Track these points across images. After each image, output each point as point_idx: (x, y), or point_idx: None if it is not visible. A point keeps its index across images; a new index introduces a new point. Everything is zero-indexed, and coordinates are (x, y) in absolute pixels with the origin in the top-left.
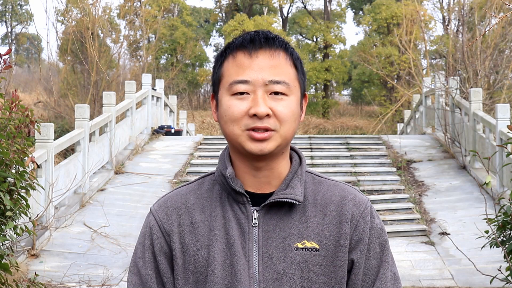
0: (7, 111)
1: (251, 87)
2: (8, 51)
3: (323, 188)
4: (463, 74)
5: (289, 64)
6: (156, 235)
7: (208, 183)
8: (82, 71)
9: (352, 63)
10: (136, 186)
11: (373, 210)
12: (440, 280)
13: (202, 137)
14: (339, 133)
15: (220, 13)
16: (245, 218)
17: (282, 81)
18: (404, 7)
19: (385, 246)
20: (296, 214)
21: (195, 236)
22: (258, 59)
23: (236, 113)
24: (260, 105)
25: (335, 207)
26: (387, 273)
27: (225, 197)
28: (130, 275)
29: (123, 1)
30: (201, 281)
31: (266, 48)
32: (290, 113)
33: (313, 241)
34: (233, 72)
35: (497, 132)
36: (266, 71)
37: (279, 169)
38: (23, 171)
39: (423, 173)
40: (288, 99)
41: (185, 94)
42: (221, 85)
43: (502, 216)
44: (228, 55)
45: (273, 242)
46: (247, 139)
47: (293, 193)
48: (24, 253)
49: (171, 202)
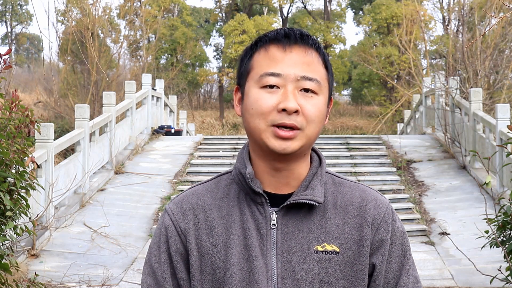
0: (7, 111)
1: (282, 81)
2: (8, 51)
3: (343, 189)
4: (463, 74)
5: (320, 64)
6: (172, 235)
7: (225, 182)
8: (82, 71)
9: (352, 63)
10: (136, 186)
11: (394, 213)
12: (440, 280)
13: (202, 137)
14: (339, 133)
15: (220, 13)
16: (263, 219)
17: (314, 78)
18: (404, 7)
19: (406, 250)
20: (316, 216)
21: (212, 237)
22: (292, 54)
23: (265, 107)
24: (290, 100)
25: (355, 210)
26: (409, 277)
27: (242, 197)
28: (145, 276)
29: (123, 1)
30: (218, 283)
31: (300, 45)
32: (318, 112)
33: (333, 244)
34: (265, 64)
35: (497, 132)
36: (299, 67)
37: (299, 170)
38: (23, 171)
39: (423, 173)
40: (318, 99)
41: (185, 94)
42: (249, 77)
43: (502, 216)
44: (259, 47)
45: (292, 244)
46: (271, 136)
47: (313, 194)
48: (24, 253)
49: (187, 202)
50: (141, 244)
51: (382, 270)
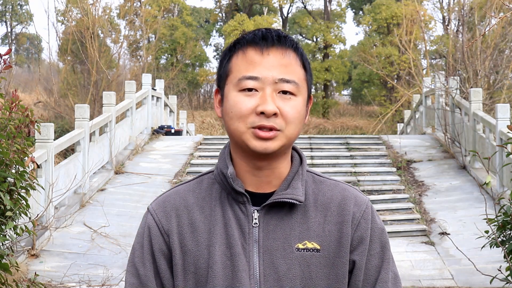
0: (7, 111)
1: (260, 84)
2: (8, 51)
3: (324, 188)
4: (463, 74)
5: (298, 65)
6: (155, 235)
7: (207, 182)
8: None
9: (352, 63)
10: (136, 186)
11: (373, 210)
12: (440, 280)
13: (202, 137)
14: (339, 133)
15: (220, 13)
16: (245, 218)
17: (292, 80)
18: (404, 7)
19: (385, 246)
20: (297, 214)
21: (194, 236)
22: (270, 56)
23: (244, 110)
24: (269, 103)
25: (336, 207)
26: (388, 273)
27: (224, 196)
28: (129, 276)
29: (123, 1)
30: (201, 282)
31: (278, 46)
32: (296, 113)
33: (314, 241)
34: (243, 67)
35: (497, 132)
36: (277, 69)
37: (280, 169)
38: (23, 171)
39: (423, 173)
40: (296, 100)
41: (185, 94)
42: (228, 80)
43: (502, 216)
44: (237, 50)
45: (274, 242)
46: (252, 137)
47: (294, 193)
48: (24, 253)
49: (170, 202)
50: None
51: (362, 266)
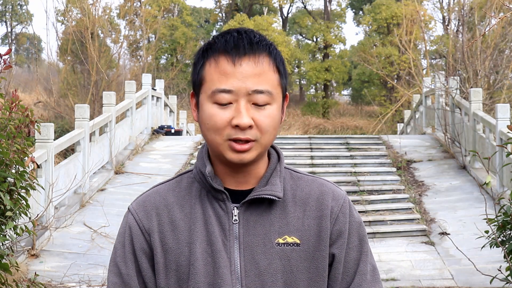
0: (7, 111)
1: (234, 97)
2: (8, 51)
3: (302, 183)
4: (463, 74)
5: (272, 70)
6: (136, 234)
7: (186, 181)
8: (82, 71)
9: (352, 63)
10: (136, 186)
11: (351, 204)
12: (440, 280)
13: (202, 137)
14: (339, 133)
15: (220, 13)
16: (225, 215)
17: (265, 90)
18: (404, 7)
19: (363, 239)
20: (276, 210)
21: (175, 234)
22: (242, 67)
23: (219, 123)
24: (243, 116)
25: (314, 202)
26: (367, 265)
27: (204, 194)
28: (111, 275)
29: (123, 1)
30: (183, 279)
31: (250, 55)
32: (271, 122)
33: (294, 236)
34: (216, 78)
35: (497, 132)
36: (250, 80)
37: (257, 169)
38: (23, 171)
39: (423, 173)
40: (271, 108)
41: (185, 94)
42: (202, 89)
43: (502, 216)
44: (209, 57)
45: (254, 238)
46: (228, 149)
47: (273, 190)
48: (24, 253)
49: (150, 201)
50: None
51: (341, 259)
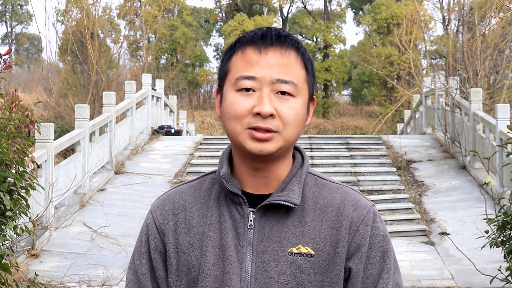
0: (7, 111)
1: (257, 84)
2: (8, 51)
3: (325, 191)
4: (463, 74)
5: (299, 65)
6: (152, 233)
7: (208, 182)
8: (82, 71)
9: (352, 63)
10: (136, 186)
11: (376, 216)
12: (440, 280)
13: (202, 137)
14: (339, 133)
15: (220, 13)
16: (241, 219)
17: (290, 81)
18: (404, 7)
19: (387, 254)
20: (293, 217)
21: (189, 236)
22: (268, 56)
23: (240, 110)
24: (265, 104)
25: (334, 212)
26: (388, 283)
27: (223, 197)
28: (129, 272)
29: (123, 1)
30: (193, 282)
31: (277, 46)
32: (295, 115)
33: (308, 246)
34: (241, 67)
35: (497, 132)
36: (275, 69)
37: (279, 170)
38: (23, 171)
39: (423, 173)
40: (295, 101)
41: (185, 94)
42: (227, 79)
43: (502, 216)
44: (237, 49)
45: (268, 245)
46: (248, 138)
47: (290, 196)
48: (24, 253)
49: (170, 201)
50: None
51: (359, 274)
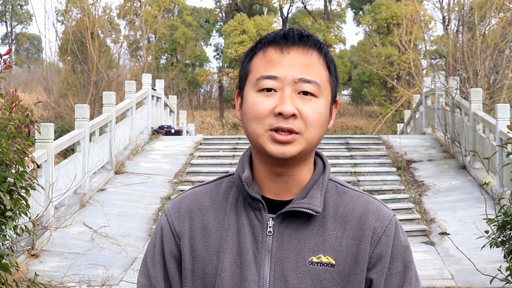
0: (7, 111)
1: (279, 84)
2: (8, 51)
3: (346, 199)
4: (463, 74)
5: (322, 65)
6: (167, 237)
7: (226, 185)
8: (82, 71)
9: (352, 63)
10: (136, 186)
11: (398, 226)
12: (440, 280)
13: (202, 137)
14: (339, 133)
15: (220, 13)
16: (260, 225)
17: (313, 80)
18: (404, 7)
19: (408, 266)
20: (314, 225)
21: (206, 240)
22: (290, 55)
23: (261, 111)
24: (287, 104)
25: (356, 221)
26: None
27: (241, 201)
28: (140, 276)
29: (123, 1)
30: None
31: (299, 46)
32: (317, 116)
33: (329, 256)
34: (262, 67)
35: (497, 132)
36: (297, 69)
37: (300, 175)
38: (23, 171)
39: (423, 173)
40: (317, 101)
41: (185, 94)
42: (247, 80)
43: (502, 216)
44: (258, 50)
45: (287, 253)
46: (269, 140)
47: (311, 203)
48: (24, 253)
49: (185, 203)
50: (141, 244)
51: (380, 285)
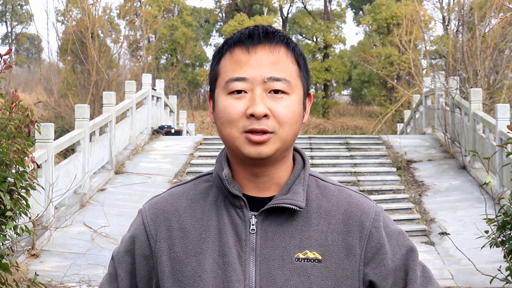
0: (7, 111)
1: (248, 85)
2: (8, 51)
3: (328, 193)
4: (463, 74)
5: (290, 61)
6: (140, 238)
7: (204, 185)
8: (82, 71)
9: (352, 63)
10: (136, 186)
11: (384, 215)
12: (440, 280)
13: (202, 137)
14: (339, 133)
15: (220, 13)
16: (243, 223)
17: (282, 78)
18: (404, 7)
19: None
20: (298, 221)
21: (184, 242)
22: (257, 54)
23: (233, 114)
24: (258, 105)
25: (341, 215)
26: (416, 272)
27: (221, 200)
28: (109, 266)
29: (123, 1)
30: None
31: (265, 43)
32: (290, 113)
33: (315, 251)
34: (230, 68)
35: (497, 132)
36: (266, 68)
37: (278, 174)
38: (23, 171)
39: (423, 173)
40: (289, 99)
41: (185, 94)
42: (217, 83)
43: (502, 216)
44: (225, 51)
45: (272, 251)
46: (245, 142)
47: (294, 198)
48: (24, 253)
49: (162, 203)
50: None
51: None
